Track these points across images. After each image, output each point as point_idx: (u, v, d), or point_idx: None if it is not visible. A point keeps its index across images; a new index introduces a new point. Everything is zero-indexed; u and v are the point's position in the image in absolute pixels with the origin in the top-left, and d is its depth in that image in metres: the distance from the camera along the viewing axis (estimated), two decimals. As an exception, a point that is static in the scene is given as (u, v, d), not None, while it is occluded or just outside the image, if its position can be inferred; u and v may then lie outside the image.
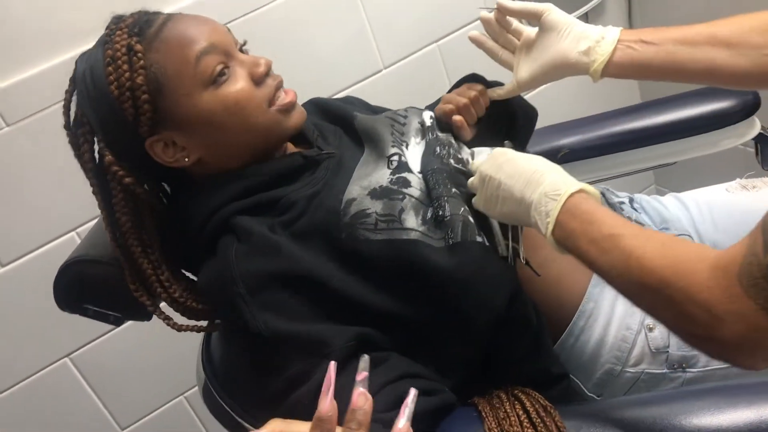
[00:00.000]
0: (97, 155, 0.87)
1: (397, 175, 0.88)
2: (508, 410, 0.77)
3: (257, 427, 0.65)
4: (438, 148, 0.95)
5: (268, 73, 0.88)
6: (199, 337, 1.14)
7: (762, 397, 0.71)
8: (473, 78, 1.06)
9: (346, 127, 1.01)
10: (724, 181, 1.14)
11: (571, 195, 0.76)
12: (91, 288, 0.95)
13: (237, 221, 0.85)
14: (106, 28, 0.86)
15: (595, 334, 0.92)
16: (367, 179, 0.88)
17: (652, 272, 0.65)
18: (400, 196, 0.85)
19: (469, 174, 0.93)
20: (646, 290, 0.66)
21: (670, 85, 0.95)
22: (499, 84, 1.04)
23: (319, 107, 1.08)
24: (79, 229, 1.48)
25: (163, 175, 0.93)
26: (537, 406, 0.76)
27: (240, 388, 0.99)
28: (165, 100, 0.82)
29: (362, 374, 0.66)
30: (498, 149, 0.88)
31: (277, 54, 1.57)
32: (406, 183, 0.87)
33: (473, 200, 0.89)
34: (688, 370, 0.89)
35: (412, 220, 0.83)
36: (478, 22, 1.74)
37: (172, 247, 0.92)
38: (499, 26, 1.01)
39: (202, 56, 0.82)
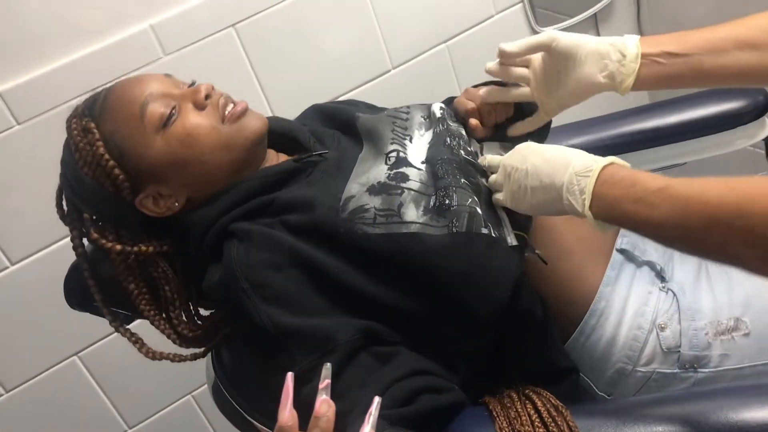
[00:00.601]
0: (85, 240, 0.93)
1: (395, 171, 0.89)
2: (519, 410, 0.77)
3: (268, 425, 0.65)
4: (448, 139, 0.95)
5: (209, 96, 0.90)
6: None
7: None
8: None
9: (345, 128, 1.02)
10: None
11: (604, 168, 0.76)
12: (102, 286, 0.95)
13: (235, 227, 0.87)
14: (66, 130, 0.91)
15: (607, 333, 0.92)
16: (365, 176, 0.89)
17: (720, 206, 0.64)
18: (399, 191, 0.85)
19: (478, 166, 0.93)
20: (716, 227, 0.64)
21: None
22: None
23: (319, 112, 1.09)
24: (88, 228, 1.49)
25: (168, 226, 0.93)
26: (548, 405, 0.76)
27: (249, 386, 0.99)
28: (130, 159, 0.87)
29: (325, 382, 0.67)
30: (522, 143, 0.88)
31: (285, 55, 1.59)
32: (404, 177, 0.88)
33: (496, 197, 0.89)
34: (699, 370, 0.89)
35: (411, 213, 0.83)
36: (487, 23, 1.76)
37: (186, 272, 0.95)
38: (506, 68, 0.96)
39: (144, 108, 0.86)
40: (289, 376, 0.68)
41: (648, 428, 0.71)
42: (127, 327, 0.98)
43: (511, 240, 0.87)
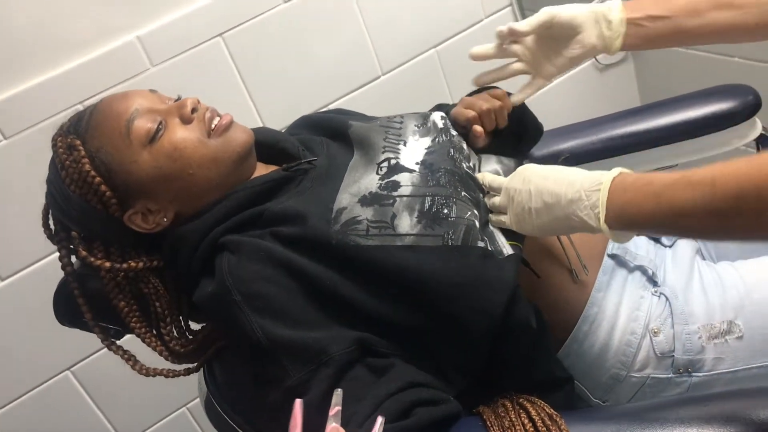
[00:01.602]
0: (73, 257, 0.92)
1: (386, 180, 0.88)
2: (514, 419, 0.76)
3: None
4: (451, 150, 0.95)
5: (195, 110, 0.90)
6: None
7: (769, 402, 0.71)
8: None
9: (334, 135, 1.01)
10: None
11: (614, 178, 0.76)
12: (91, 302, 0.94)
13: (226, 240, 0.86)
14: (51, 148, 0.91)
15: (600, 339, 0.92)
16: (356, 185, 0.88)
17: (747, 177, 0.63)
18: (390, 201, 0.85)
19: (477, 181, 0.93)
20: (747, 199, 0.63)
21: (670, 87, 0.95)
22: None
23: (308, 121, 1.09)
24: (78, 242, 1.48)
25: (157, 241, 0.93)
26: (543, 414, 0.76)
27: (241, 400, 0.98)
28: (117, 175, 0.87)
29: (335, 409, 0.66)
30: (521, 166, 0.89)
31: (274, 63, 1.59)
32: (396, 185, 0.87)
33: (499, 219, 0.89)
34: (694, 374, 0.89)
35: (405, 224, 0.83)
36: (477, 27, 1.76)
37: (177, 286, 0.95)
38: (501, 48, 1.02)
39: (130, 123, 0.86)
40: (298, 403, 0.68)
41: (643, 436, 0.70)
42: (119, 344, 0.97)
43: (507, 251, 0.87)
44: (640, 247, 1.00)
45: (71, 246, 0.91)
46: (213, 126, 0.89)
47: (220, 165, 0.89)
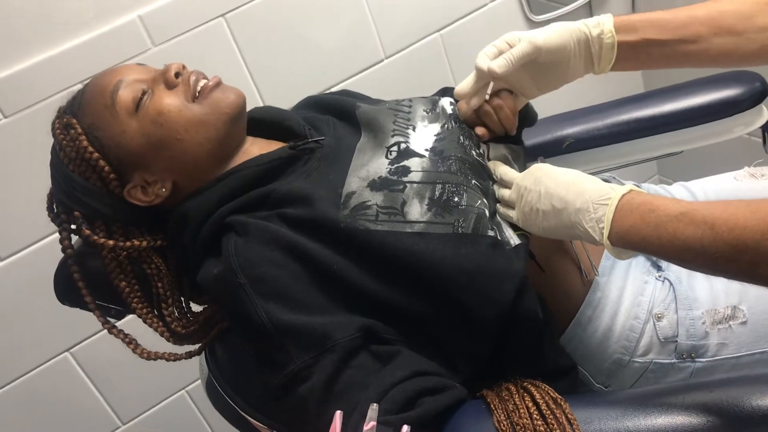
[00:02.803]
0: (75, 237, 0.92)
1: (396, 165, 0.87)
2: (518, 402, 0.76)
3: (263, 421, 0.64)
4: (461, 137, 0.93)
5: (179, 74, 0.89)
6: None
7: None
8: None
9: (341, 115, 1.00)
10: (726, 171, 1.13)
11: (623, 196, 0.75)
12: (92, 281, 0.93)
13: (233, 220, 0.85)
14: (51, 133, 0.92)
15: (603, 324, 0.91)
16: (364, 169, 0.87)
17: (746, 230, 0.63)
18: (401, 186, 0.84)
19: (487, 168, 0.92)
20: (744, 250, 0.64)
21: (674, 73, 0.93)
22: None
23: (313, 103, 1.08)
24: (78, 223, 1.47)
25: (160, 219, 0.93)
26: (547, 398, 0.75)
27: (243, 382, 0.98)
28: (111, 148, 0.87)
29: (370, 424, 0.66)
30: (535, 164, 0.88)
31: (276, 45, 1.57)
32: (406, 170, 0.86)
33: (507, 213, 0.88)
34: (697, 359, 0.88)
35: (415, 211, 0.82)
36: (481, 11, 1.75)
37: (179, 266, 0.94)
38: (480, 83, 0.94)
39: (114, 94, 0.86)
40: (338, 415, 0.69)
41: (648, 420, 0.70)
42: (120, 328, 0.96)
43: (514, 241, 0.86)
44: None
45: (73, 226, 0.90)
46: (199, 88, 0.88)
47: (209, 128, 0.88)
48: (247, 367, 0.95)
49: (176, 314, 0.95)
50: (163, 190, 0.89)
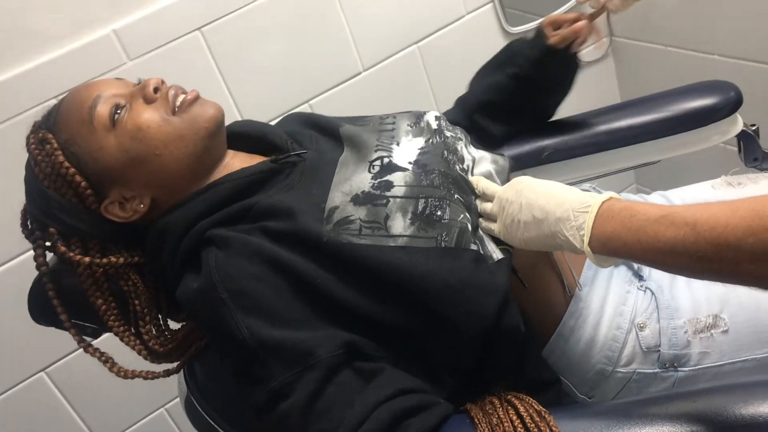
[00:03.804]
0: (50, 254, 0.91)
1: (379, 180, 0.86)
2: (502, 416, 0.75)
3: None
4: (445, 152, 0.93)
5: (157, 89, 0.88)
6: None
7: (757, 396, 0.70)
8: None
9: (323, 131, 0.99)
10: (703, 180, 1.14)
11: (603, 203, 0.75)
12: (67, 299, 0.92)
13: (213, 233, 0.84)
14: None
15: (586, 335, 0.91)
16: (347, 184, 0.86)
17: (727, 227, 0.63)
18: (384, 201, 0.83)
19: (470, 184, 0.93)
20: (726, 249, 0.64)
21: (649, 84, 0.94)
22: None
23: (296, 118, 1.07)
24: (53, 240, 1.44)
25: (137, 236, 0.91)
26: (531, 411, 0.75)
27: (223, 400, 0.96)
28: (87, 164, 0.86)
29: None
30: (517, 177, 0.88)
31: (254, 58, 1.56)
32: (389, 185, 0.85)
33: (489, 226, 0.88)
34: (680, 369, 0.89)
35: (399, 225, 0.81)
36: (458, 23, 1.76)
37: (154, 259, 0.91)
38: None
39: (92, 110, 0.86)
40: None
41: (632, 431, 0.70)
42: (96, 346, 0.95)
43: (497, 255, 0.86)
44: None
45: (48, 243, 0.89)
46: (178, 103, 0.88)
47: (188, 142, 0.87)
48: (226, 384, 0.93)
49: (154, 332, 0.93)
50: (141, 206, 0.88)
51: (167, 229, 0.87)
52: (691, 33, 1.73)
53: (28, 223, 0.91)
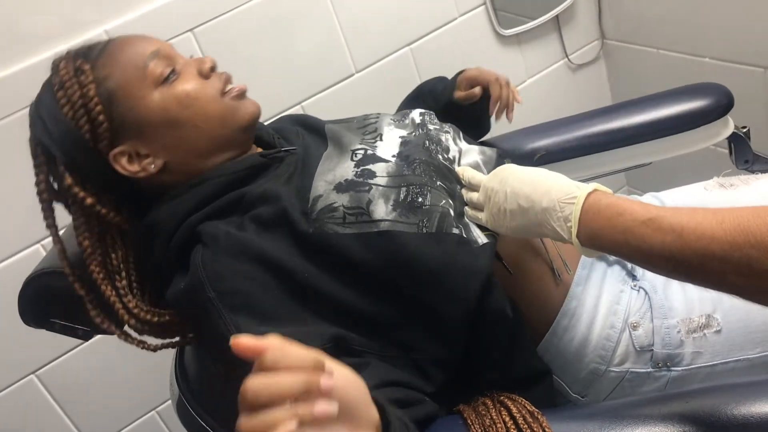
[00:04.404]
0: (55, 184, 0.88)
1: (361, 168, 0.88)
2: (495, 417, 0.75)
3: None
4: (427, 142, 0.95)
5: (213, 69, 0.91)
6: (172, 349, 1.11)
7: (750, 397, 0.71)
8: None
9: (308, 128, 1.01)
10: (694, 182, 1.15)
11: (588, 195, 0.75)
12: (58, 301, 0.91)
13: (203, 228, 0.84)
14: (51, 70, 0.88)
15: (579, 334, 0.91)
16: (331, 173, 0.88)
17: (713, 240, 0.64)
18: (366, 188, 0.84)
19: (455, 173, 0.93)
20: (711, 260, 0.64)
21: (641, 86, 0.93)
22: None
23: (285, 118, 1.10)
24: (44, 242, 1.44)
25: (129, 194, 0.90)
26: (524, 411, 0.75)
27: (214, 401, 0.96)
28: (119, 107, 0.85)
29: None
30: (501, 166, 0.88)
31: (247, 59, 1.56)
32: (371, 174, 0.87)
33: (476, 215, 0.89)
34: (672, 368, 0.89)
35: (381, 209, 0.82)
36: (450, 25, 1.76)
37: (142, 267, 0.90)
38: None
39: (150, 60, 0.86)
40: None
41: (626, 431, 0.70)
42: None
43: (481, 240, 0.87)
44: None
45: (53, 172, 0.86)
46: (227, 89, 0.90)
47: (226, 127, 0.89)
48: (217, 385, 0.93)
49: (130, 293, 0.89)
50: (153, 166, 0.87)
51: (158, 224, 0.87)
52: (683, 36, 1.74)
53: (36, 150, 0.88)
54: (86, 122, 0.84)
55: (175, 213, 0.86)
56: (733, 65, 1.64)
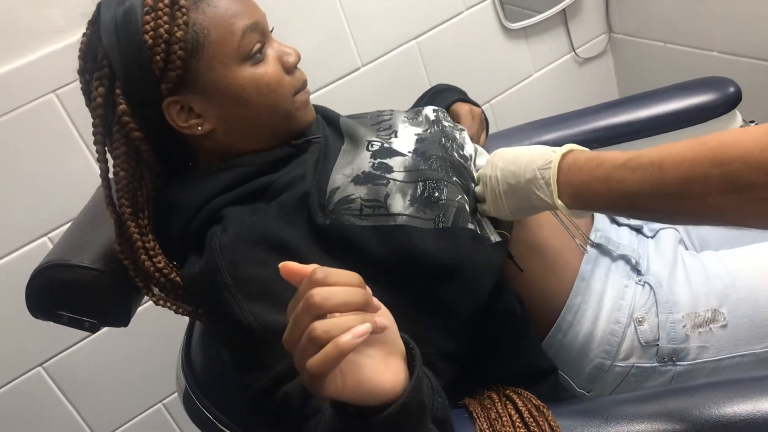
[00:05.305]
0: (106, 103, 0.83)
1: (378, 160, 0.88)
2: (500, 410, 0.76)
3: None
4: (443, 139, 0.95)
5: (296, 66, 0.90)
6: (179, 341, 1.11)
7: (755, 392, 0.71)
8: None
9: (327, 119, 1.01)
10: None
11: (563, 156, 0.76)
12: (65, 293, 0.91)
13: (226, 212, 0.84)
14: None
15: (584, 329, 0.91)
16: (349, 167, 0.88)
17: (694, 161, 0.63)
18: (384, 181, 0.85)
19: (470, 170, 0.94)
20: (693, 182, 0.64)
21: (648, 80, 0.93)
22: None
23: None
24: (51, 234, 1.43)
25: (166, 146, 0.89)
26: (529, 405, 0.75)
27: (221, 394, 0.96)
28: (200, 62, 0.82)
29: None
30: (494, 151, 0.89)
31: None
32: (388, 168, 0.87)
33: (482, 207, 0.89)
34: (678, 363, 0.89)
35: (398, 204, 0.82)
36: (457, 19, 1.75)
37: (159, 231, 0.89)
38: None
39: (247, 32, 0.83)
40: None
41: (631, 426, 0.70)
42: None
43: (495, 238, 0.87)
44: (622, 236, 1.00)
45: (103, 83, 0.82)
46: (301, 90, 0.90)
47: (284, 125, 0.90)
48: (224, 378, 0.93)
49: (149, 235, 0.88)
50: (200, 128, 0.86)
51: (181, 201, 0.86)
52: (690, 29, 1.73)
53: (95, 59, 0.83)
54: (162, 60, 0.80)
55: (201, 192, 0.86)
56: (740, 59, 1.63)
